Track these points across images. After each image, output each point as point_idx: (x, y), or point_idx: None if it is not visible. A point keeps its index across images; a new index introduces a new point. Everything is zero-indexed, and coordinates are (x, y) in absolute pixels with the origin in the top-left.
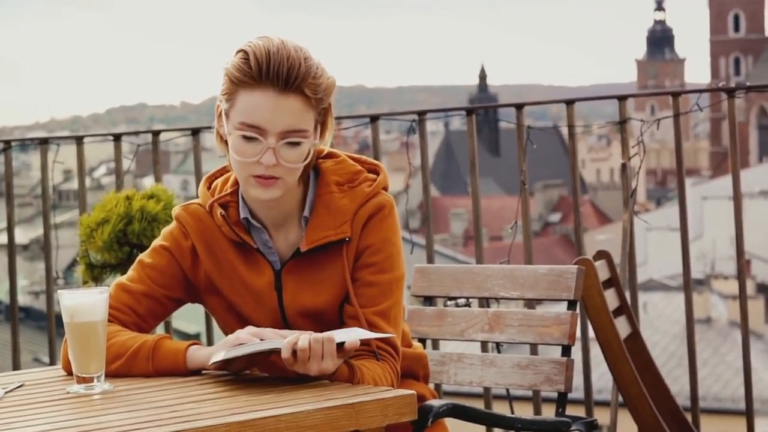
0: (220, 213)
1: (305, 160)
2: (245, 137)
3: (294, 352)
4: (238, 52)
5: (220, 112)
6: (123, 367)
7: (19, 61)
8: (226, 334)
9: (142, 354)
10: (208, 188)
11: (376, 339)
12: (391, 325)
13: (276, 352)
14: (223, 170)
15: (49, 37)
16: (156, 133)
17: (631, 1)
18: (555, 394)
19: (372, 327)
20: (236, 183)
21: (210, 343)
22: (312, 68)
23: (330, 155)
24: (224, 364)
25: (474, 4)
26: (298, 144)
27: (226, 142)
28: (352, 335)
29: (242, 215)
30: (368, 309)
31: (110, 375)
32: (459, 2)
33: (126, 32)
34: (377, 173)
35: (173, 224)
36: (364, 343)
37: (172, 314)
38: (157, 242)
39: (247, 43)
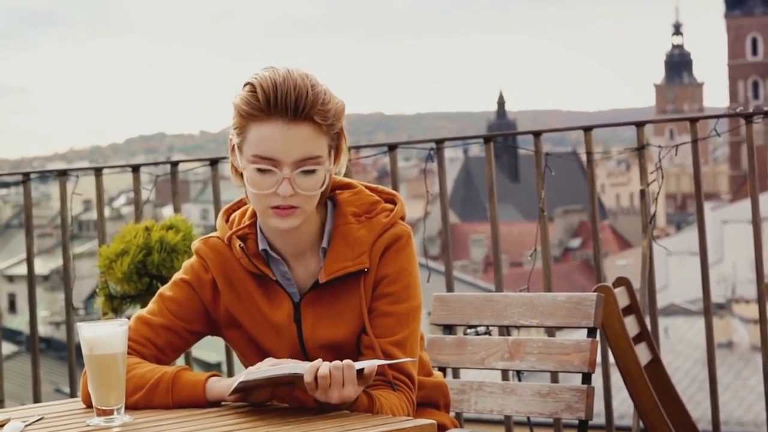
0: (239, 245)
1: (322, 186)
2: (260, 170)
3: (316, 379)
4: (245, 85)
5: (233, 146)
6: (143, 400)
7: (38, 90)
8: (246, 367)
9: (162, 386)
10: (227, 221)
11: (392, 370)
12: (407, 354)
13: (297, 382)
14: (241, 202)
15: (68, 66)
16: (174, 164)
17: (648, 25)
18: (576, 422)
19: (388, 357)
20: (254, 215)
21: (231, 372)
22: (320, 95)
23: (347, 186)
24: (245, 395)
25: (492, 30)
26: (313, 171)
27: (241, 175)
28: (370, 361)
29: (261, 247)
30: (384, 339)
31: (130, 407)
32: (477, 28)
33: (145, 61)
34: (394, 203)
35: (193, 258)
36: (380, 373)
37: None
38: (177, 276)
39: (253, 76)
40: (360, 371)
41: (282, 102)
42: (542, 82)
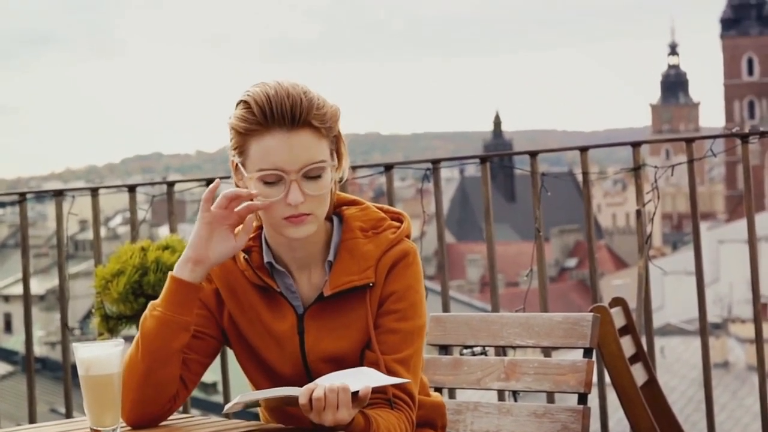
0: (243, 257)
1: (329, 187)
2: (267, 182)
3: (311, 400)
4: (238, 103)
5: (236, 165)
6: (146, 346)
7: (34, 111)
8: (249, 379)
9: (147, 319)
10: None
11: (393, 388)
12: (410, 372)
13: (292, 404)
14: None
15: (64, 87)
16: (171, 184)
17: (644, 45)
18: None
19: (391, 374)
20: (258, 227)
21: (226, 392)
22: (314, 99)
23: (354, 202)
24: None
25: (488, 51)
26: (319, 176)
27: None
28: (366, 379)
29: (266, 259)
30: (389, 356)
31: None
32: (472, 49)
33: (141, 82)
34: (401, 221)
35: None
36: (380, 391)
37: None
38: None
39: (244, 93)
40: (355, 393)
41: (278, 112)
42: (538, 101)
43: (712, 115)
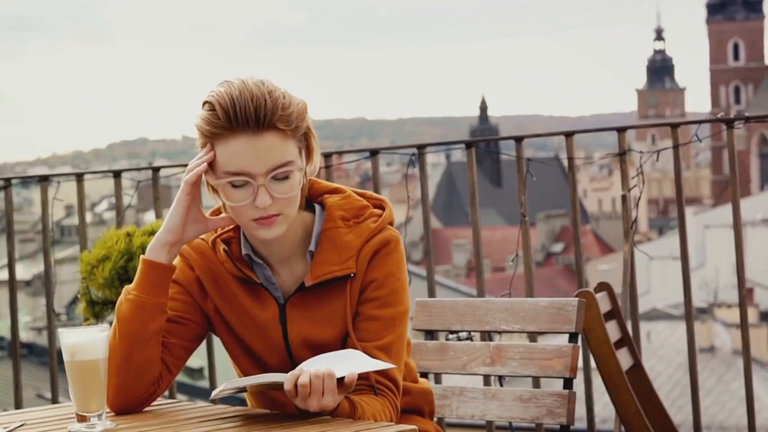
0: (223, 249)
1: (298, 187)
2: (234, 185)
3: (296, 386)
4: (204, 104)
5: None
6: (122, 331)
7: (20, 96)
8: (236, 367)
9: (123, 304)
10: None
11: (375, 374)
12: (393, 359)
13: (278, 386)
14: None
15: (50, 72)
16: (156, 170)
17: (631, 31)
18: (558, 427)
19: None
20: None
21: (212, 377)
22: (279, 100)
23: (336, 191)
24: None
25: (474, 37)
26: (287, 177)
27: (217, 192)
28: (351, 365)
29: (244, 252)
30: (370, 343)
31: (121, 357)
32: (459, 35)
33: (127, 67)
34: (383, 208)
35: (176, 258)
36: (363, 377)
37: None
38: None
39: (209, 94)
40: (341, 380)
41: (242, 116)
42: (525, 87)
43: (697, 100)
